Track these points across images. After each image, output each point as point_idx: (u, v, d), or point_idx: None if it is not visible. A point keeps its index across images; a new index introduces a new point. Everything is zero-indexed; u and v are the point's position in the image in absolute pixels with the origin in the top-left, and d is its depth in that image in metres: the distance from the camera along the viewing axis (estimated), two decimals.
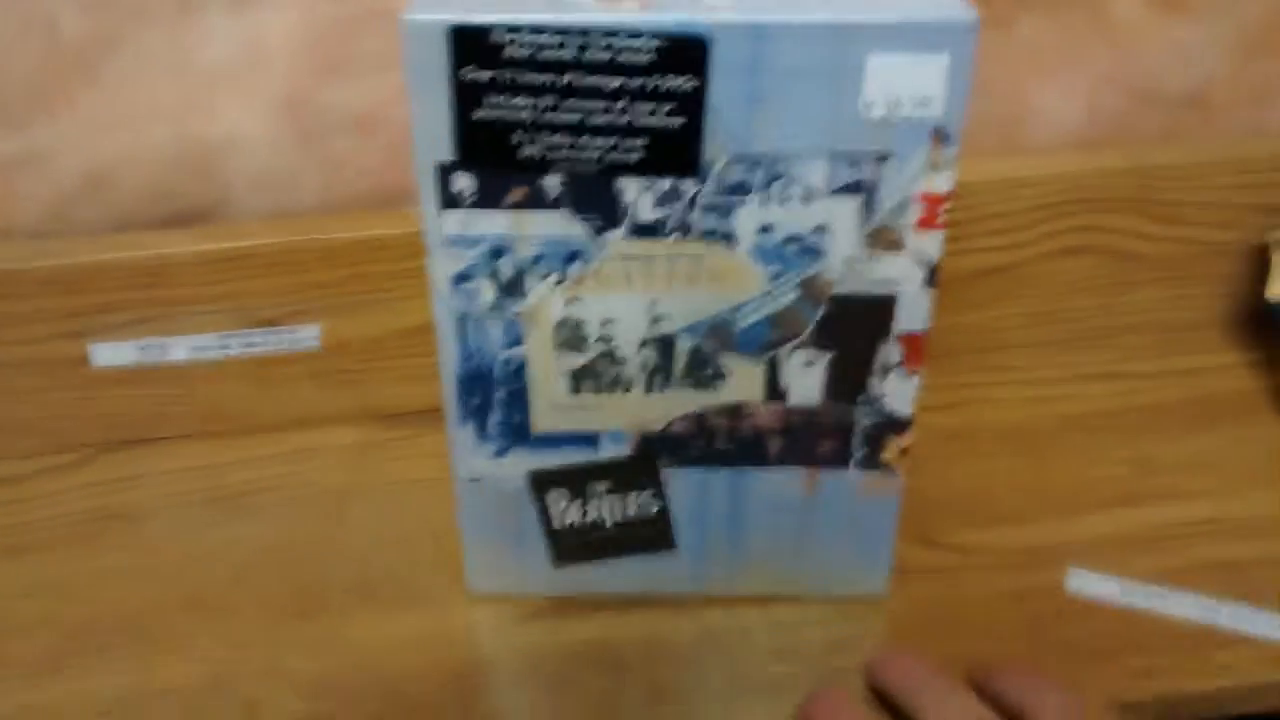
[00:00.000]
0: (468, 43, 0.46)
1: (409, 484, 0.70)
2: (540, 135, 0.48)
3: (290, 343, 0.71)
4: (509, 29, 0.46)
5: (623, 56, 0.46)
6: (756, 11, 0.46)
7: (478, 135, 0.48)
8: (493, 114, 0.48)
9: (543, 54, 0.46)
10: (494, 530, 0.59)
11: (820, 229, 0.51)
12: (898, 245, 0.51)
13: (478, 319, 0.53)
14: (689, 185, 0.49)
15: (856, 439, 0.56)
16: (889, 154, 0.49)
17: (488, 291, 0.52)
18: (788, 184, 0.49)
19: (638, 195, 0.50)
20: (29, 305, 0.67)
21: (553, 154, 0.49)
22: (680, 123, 0.48)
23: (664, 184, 0.49)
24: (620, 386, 0.55)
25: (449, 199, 0.50)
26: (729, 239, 0.51)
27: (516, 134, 0.48)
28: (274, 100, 0.70)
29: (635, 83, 0.47)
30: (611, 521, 0.59)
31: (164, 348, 0.70)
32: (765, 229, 0.51)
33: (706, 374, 0.55)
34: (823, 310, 0.53)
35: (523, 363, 0.54)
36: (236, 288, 0.69)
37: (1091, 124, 0.80)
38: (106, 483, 0.70)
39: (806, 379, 0.55)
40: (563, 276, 0.52)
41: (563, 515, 0.59)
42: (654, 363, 0.54)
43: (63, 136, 0.69)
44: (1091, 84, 0.79)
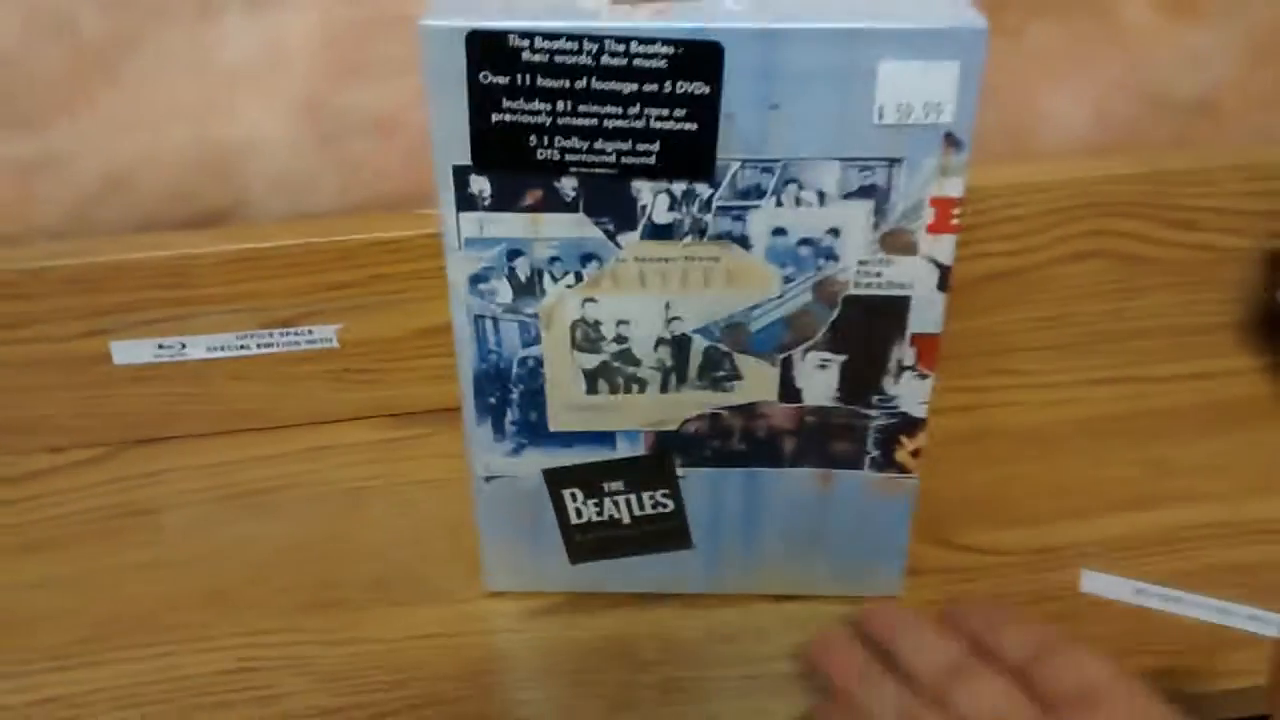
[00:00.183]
0: (485, 48, 0.46)
1: (426, 482, 0.70)
2: (556, 138, 0.49)
3: (308, 342, 0.71)
4: (525, 34, 0.46)
5: (637, 62, 0.47)
6: (770, 17, 0.47)
7: (495, 138, 0.48)
8: (509, 117, 0.48)
9: (559, 59, 0.47)
10: (510, 528, 0.60)
11: (833, 232, 0.51)
12: (910, 248, 0.51)
13: (495, 319, 0.53)
14: (703, 188, 0.50)
15: (870, 439, 0.57)
16: (900, 159, 0.49)
17: (505, 292, 0.53)
18: (801, 188, 0.50)
19: (653, 198, 0.50)
20: (51, 304, 0.68)
21: (569, 157, 0.49)
22: (694, 127, 0.48)
23: (679, 187, 0.50)
24: (636, 386, 0.55)
25: (466, 201, 0.50)
26: (743, 241, 0.51)
27: (533, 137, 0.48)
28: (293, 102, 0.71)
29: (650, 88, 0.47)
30: (627, 520, 0.59)
31: (184, 346, 0.70)
32: (779, 232, 0.51)
33: (721, 375, 0.55)
34: (836, 312, 0.53)
35: (539, 362, 0.55)
36: (255, 288, 0.69)
37: (1102, 130, 0.80)
38: (127, 479, 0.71)
39: (820, 380, 0.55)
40: (579, 277, 0.52)
41: (578, 513, 0.59)
42: (669, 363, 0.55)
43: (83, 138, 0.70)
44: (1102, 90, 0.79)
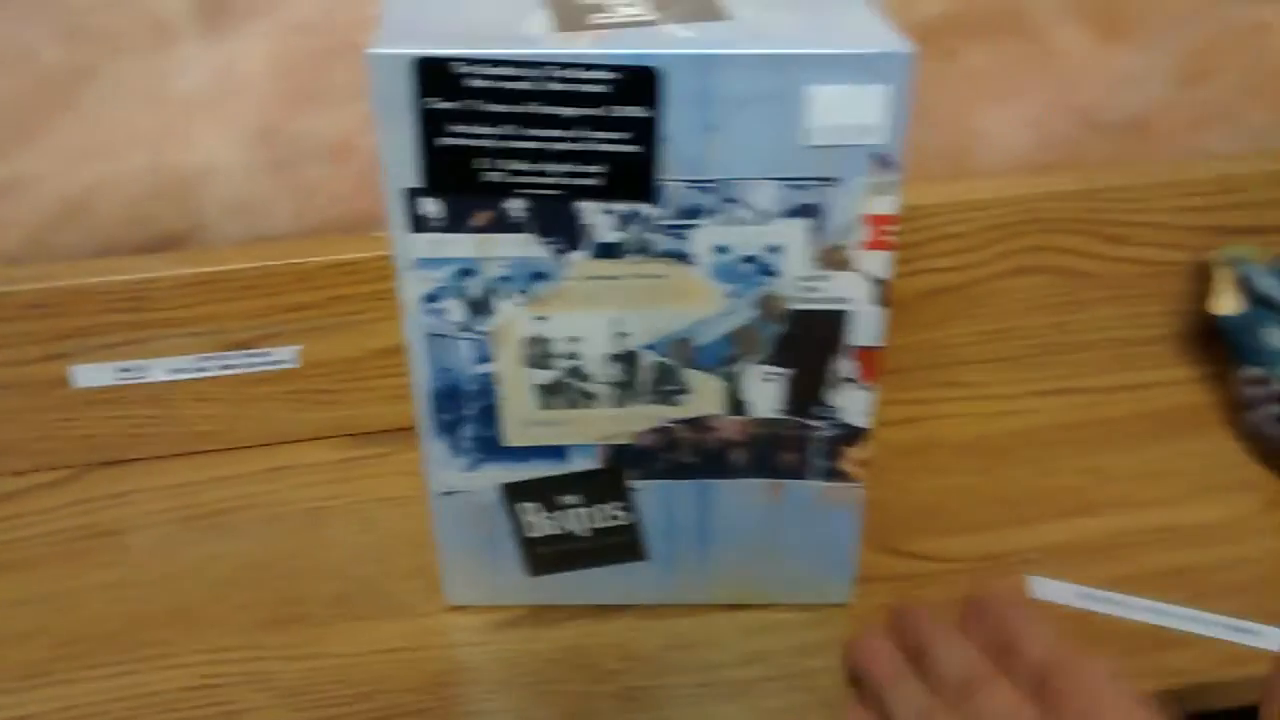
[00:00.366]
0: (431, 75, 0.48)
1: (386, 500, 0.71)
2: (502, 161, 0.50)
3: (267, 364, 0.72)
4: (470, 61, 0.47)
5: (579, 87, 0.48)
6: (706, 44, 0.48)
7: (443, 162, 0.50)
8: (456, 141, 0.49)
9: (503, 85, 0.48)
10: (469, 542, 0.61)
11: (774, 249, 0.52)
12: (847, 264, 0.53)
13: (448, 338, 0.54)
14: (647, 208, 0.51)
15: (816, 450, 0.58)
16: (834, 179, 0.50)
17: (457, 311, 0.54)
18: (741, 207, 0.51)
19: (598, 218, 0.51)
20: (12, 329, 0.68)
21: (515, 179, 0.50)
22: (636, 149, 0.49)
23: (623, 207, 0.51)
24: (588, 401, 0.56)
25: (417, 223, 0.51)
26: (687, 259, 0.52)
27: (480, 160, 0.50)
28: (247, 129, 0.72)
29: (592, 112, 0.48)
30: (583, 532, 0.60)
31: (144, 369, 0.71)
32: (722, 249, 0.52)
33: (670, 389, 0.56)
34: (779, 326, 0.54)
35: (492, 379, 0.55)
36: (214, 310, 0.70)
37: (1039, 149, 0.82)
38: (91, 500, 0.71)
39: (766, 392, 0.56)
40: (529, 296, 0.53)
41: (535, 527, 0.60)
42: (619, 378, 0.56)
43: (42, 164, 0.70)
44: (1037, 111, 0.81)
